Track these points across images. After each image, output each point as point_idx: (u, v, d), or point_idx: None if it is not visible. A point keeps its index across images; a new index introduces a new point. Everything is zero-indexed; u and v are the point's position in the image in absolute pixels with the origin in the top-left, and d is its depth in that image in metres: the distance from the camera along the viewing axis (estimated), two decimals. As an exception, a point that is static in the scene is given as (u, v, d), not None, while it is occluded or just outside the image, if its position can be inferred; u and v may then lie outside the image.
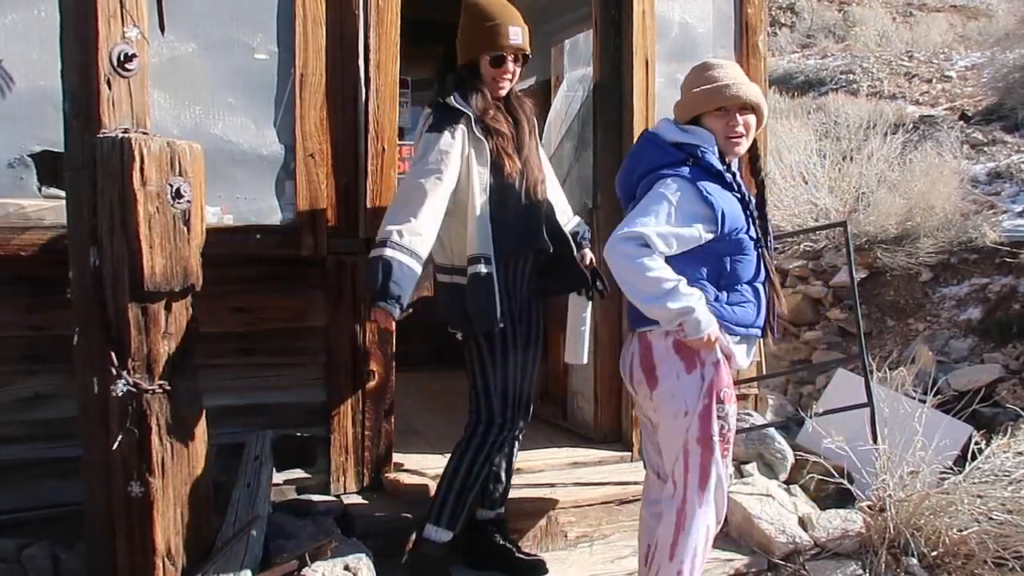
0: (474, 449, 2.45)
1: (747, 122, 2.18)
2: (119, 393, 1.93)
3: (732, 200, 2.12)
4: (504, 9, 2.40)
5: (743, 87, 2.16)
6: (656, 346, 2.13)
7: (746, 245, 2.15)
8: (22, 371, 2.50)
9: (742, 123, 2.17)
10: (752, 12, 3.47)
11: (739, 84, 2.16)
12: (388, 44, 2.81)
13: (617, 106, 3.35)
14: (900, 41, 10.80)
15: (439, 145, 2.29)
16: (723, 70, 2.20)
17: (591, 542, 2.86)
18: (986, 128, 7.17)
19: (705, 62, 2.28)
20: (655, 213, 2.03)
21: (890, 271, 5.28)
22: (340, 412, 2.80)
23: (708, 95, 2.16)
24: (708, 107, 2.17)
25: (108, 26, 2.00)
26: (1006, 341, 4.55)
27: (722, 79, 2.16)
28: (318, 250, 2.74)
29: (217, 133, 2.64)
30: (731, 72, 2.20)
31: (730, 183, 2.14)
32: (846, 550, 2.80)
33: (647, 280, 2.00)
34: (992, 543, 2.63)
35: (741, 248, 2.14)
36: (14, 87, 2.40)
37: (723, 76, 2.17)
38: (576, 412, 3.63)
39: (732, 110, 2.15)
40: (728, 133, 2.16)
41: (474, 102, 2.36)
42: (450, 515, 2.45)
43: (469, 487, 2.45)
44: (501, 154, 2.35)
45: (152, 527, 1.96)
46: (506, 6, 2.42)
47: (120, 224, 1.93)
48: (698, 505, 2.13)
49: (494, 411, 2.45)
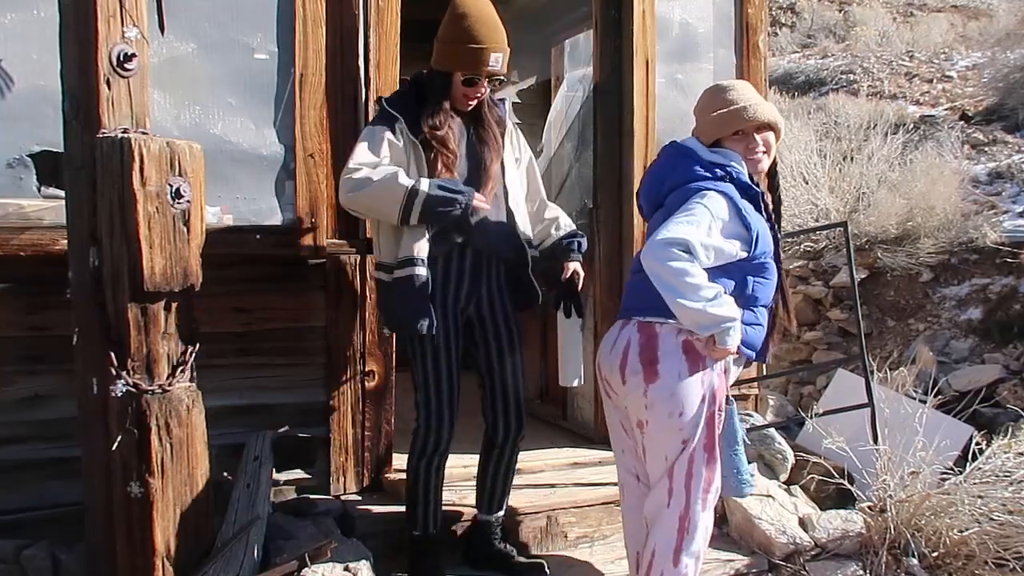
0: (415, 453, 2.47)
1: (767, 140, 2.22)
2: (119, 393, 1.93)
3: (763, 223, 2.15)
4: (491, 32, 2.34)
5: (759, 108, 2.19)
6: (664, 340, 2.10)
7: (769, 268, 2.17)
8: (22, 371, 2.50)
9: (762, 142, 2.20)
10: (752, 12, 3.47)
11: (755, 105, 2.18)
12: (388, 44, 2.81)
13: (617, 106, 3.35)
14: (901, 41, 10.79)
15: (373, 138, 2.34)
16: (736, 92, 2.22)
17: (591, 542, 2.85)
18: (987, 128, 7.16)
19: (716, 85, 2.31)
20: (697, 224, 2.02)
21: (890, 271, 5.28)
22: (340, 412, 2.80)
23: (726, 119, 2.18)
24: (727, 131, 2.19)
25: (108, 26, 2.00)
26: (1007, 341, 4.55)
27: (737, 102, 2.18)
28: (318, 250, 2.73)
29: (217, 133, 2.64)
30: (745, 93, 2.22)
31: (760, 205, 2.17)
32: (847, 551, 2.80)
33: (689, 284, 1.98)
34: (993, 544, 2.63)
35: (765, 270, 2.16)
36: (14, 87, 2.39)
37: (738, 99, 2.19)
38: (576, 412, 3.63)
39: (750, 131, 2.18)
40: (749, 155, 2.19)
41: (429, 119, 2.34)
42: (412, 517, 2.49)
43: (417, 490, 2.47)
44: (437, 167, 2.33)
45: (152, 527, 1.96)
46: (494, 27, 2.35)
47: (120, 224, 1.93)
48: (701, 509, 2.12)
49: (419, 416, 2.44)
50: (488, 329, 2.48)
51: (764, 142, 2.21)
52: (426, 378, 2.41)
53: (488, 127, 2.45)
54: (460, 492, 2.88)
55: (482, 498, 2.61)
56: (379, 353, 2.84)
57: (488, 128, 2.45)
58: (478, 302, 2.47)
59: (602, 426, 3.40)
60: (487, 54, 2.32)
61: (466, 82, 2.36)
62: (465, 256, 2.42)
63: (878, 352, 4.71)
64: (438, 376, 2.40)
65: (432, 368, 2.40)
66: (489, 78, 2.38)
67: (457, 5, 2.36)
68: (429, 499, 2.48)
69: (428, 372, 2.40)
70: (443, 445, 2.44)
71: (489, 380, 2.51)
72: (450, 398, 2.42)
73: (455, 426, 2.46)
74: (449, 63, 2.37)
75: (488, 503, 2.61)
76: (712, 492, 2.14)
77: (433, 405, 2.41)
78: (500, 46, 2.35)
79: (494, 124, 2.47)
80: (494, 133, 2.46)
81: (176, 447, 1.99)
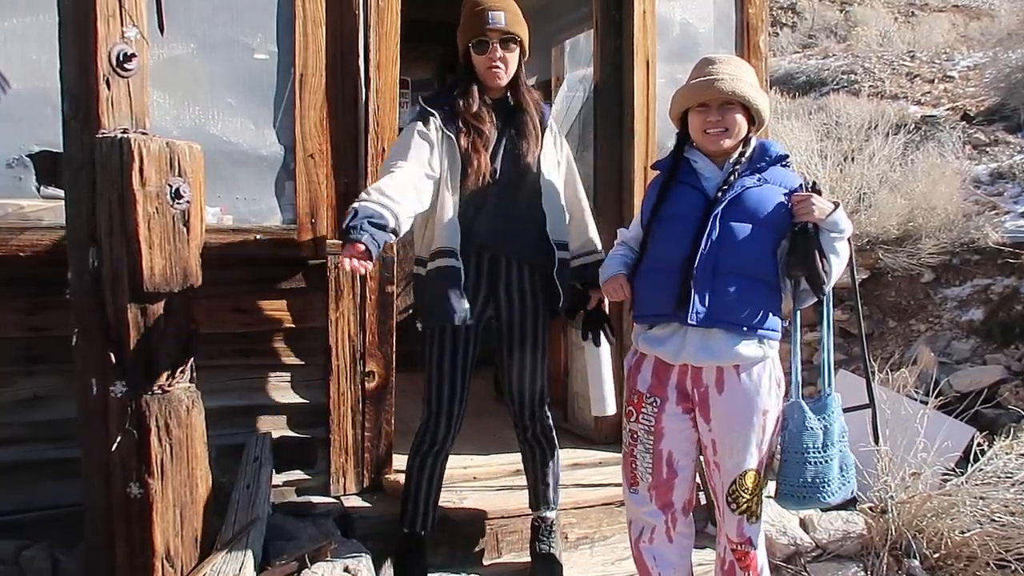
0: (412, 448, 2.49)
1: (730, 119, 2.07)
2: (118, 394, 1.93)
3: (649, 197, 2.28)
4: None
5: (724, 81, 2.04)
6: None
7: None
8: (21, 372, 2.50)
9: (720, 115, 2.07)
10: (753, 12, 3.46)
11: (721, 79, 2.05)
12: (388, 44, 2.80)
13: (618, 107, 3.34)
14: (902, 41, 10.79)
15: (404, 137, 2.34)
16: (715, 66, 2.10)
17: (592, 543, 2.85)
18: (988, 128, 7.16)
19: (704, 57, 2.19)
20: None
21: (892, 272, 5.27)
22: (340, 413, 2.80)
23: (688, 91, 2.12)
24: (689, 103, 2.12)
25: (107, 26, 1.99)
26: (1008, 342, 4.55)
27: (708, 75, 2.08)
28: (318, 251, 2.73)
29: (217, 133, 2.63)
30: (723, 68, 2.09)
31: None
32: (847, 552, 2.79)
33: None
34: (994, 545, 2.62)
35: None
36: (12, 88, 2.39)
37: (711, 72, 2.09)
38: (577, 413, 3.63)
39: (713, 105, 2.08)
40: (705, 127, 2.09)
41: (459, 100, 2.33)
42: (402, 513, 2.50)
43: (409, 486, 2.49)
44: (470, 153, 2.32)
45: (151, 529, 1.95)
46: None
47: (119, 225, 1.92)
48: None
49: (424, 412, 2.46)
50: (504, 332, 2.47)
51: (725, 119, 2.07)
52: (430, 377, 2.42)
53: (528, 118, 2.41)
54: (461, 492, 2.88)
55: (529, 494, 2.64)
56: (379, 354, 2.83)
57: (528, 119, 2.41)
58: (496, 306, 2.44)
59: (602, 427, 3.41)
60: (485, 13, 2.30)
61: (477, 49, 2.34)
62: (483, 258, 2.40)
63: (879, 353, 4.70)
64: (441, 377, 2.40)
65: (436, 368, 2.40)
66: (501, 43, 2.33)
67: None
68: (420, 497, 2.48)
69: (433, 371, 2.41)
70: (438, 446, 2.45)
71: (506, 380, 2.53)
72: (451, 400, 2.41)
73: (456, 429, 2.46)
74: (460, 38, 2.38)
75: (532, 500, 2.64)
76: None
77: (433, 405, 2.42)
78: (499, 4, 2.33)
79: (535, 116, 2.42)
80: (534, 125, 2.41)
81: (176, 448, 1.99)
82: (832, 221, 2.03)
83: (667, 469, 2.12)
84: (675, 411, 2.10)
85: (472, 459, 3.11)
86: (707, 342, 2.03)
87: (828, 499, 2.04)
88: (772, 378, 2.08)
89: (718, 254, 2.02)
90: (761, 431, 2.06)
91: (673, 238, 2.07)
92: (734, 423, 2.05)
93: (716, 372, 2.05)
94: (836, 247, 2.06)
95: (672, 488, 2.13)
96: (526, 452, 2.61)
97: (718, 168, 2.11)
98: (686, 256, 2.02)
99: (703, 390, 2.06)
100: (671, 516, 2.14)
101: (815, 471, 2.01)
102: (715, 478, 2.13)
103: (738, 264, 2.03)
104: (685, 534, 2.18)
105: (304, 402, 2.80)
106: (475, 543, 2.73)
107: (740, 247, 2.03)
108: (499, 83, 2.38)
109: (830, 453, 2.02)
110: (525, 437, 2.58)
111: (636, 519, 2.19)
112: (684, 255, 2.03)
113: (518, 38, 2.36)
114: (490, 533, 2.74)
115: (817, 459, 2.02)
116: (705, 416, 2.08)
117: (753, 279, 2.04)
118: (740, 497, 2.08)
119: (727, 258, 2.02)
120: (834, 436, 2.04)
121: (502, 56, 2.34)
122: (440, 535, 2.63)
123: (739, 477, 2.07)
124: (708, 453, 2.12)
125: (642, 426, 2.13)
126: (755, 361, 2.05)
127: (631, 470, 2.17)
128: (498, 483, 2.99)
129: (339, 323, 2.78)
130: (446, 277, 2.30)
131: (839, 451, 2.05)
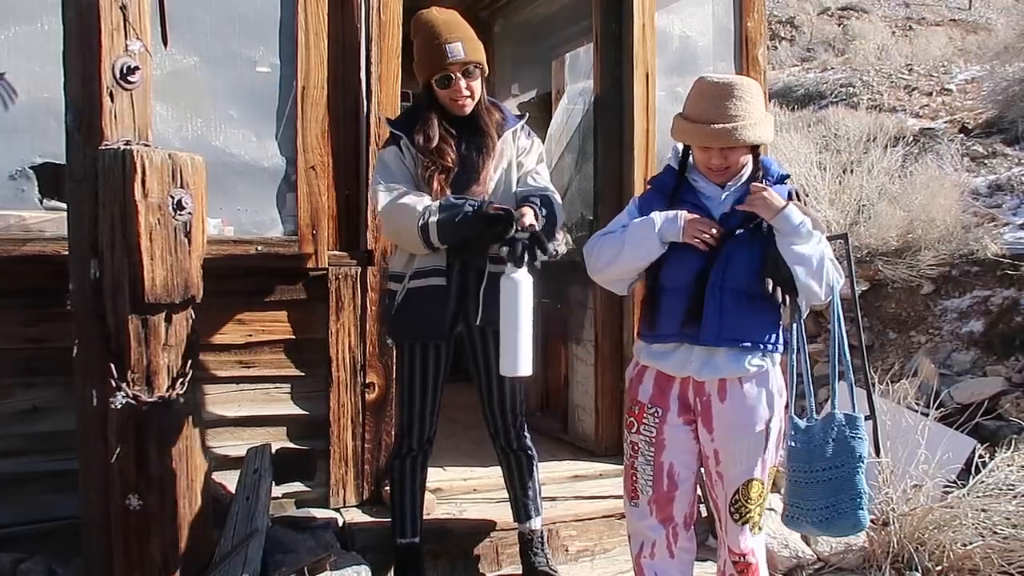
0: (392, 455, 2.52)
1: (729, 158, 2.04)
2: (118, 405, 1.92)
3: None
4: (445, 25, 2.29)
5: (728, 133, 1.96)
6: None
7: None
8: (21, 383, 2.49)
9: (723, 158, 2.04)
10: (752, 25, 3.48)
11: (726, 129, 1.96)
12: (390, 57, 2.82)
13: (618, 119, 3.36)
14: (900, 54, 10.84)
15: (386, 162, 2.36)
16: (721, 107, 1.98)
17: (592, 556, 2.84)
18: (986, 141, 7.18)
19: (709, 81, 2.07)
20: None
21: (891, 283, 5.27)
22: (340, 425, 2.79)
23: (692, 131, 2.05)
24: (692, 143, 2.10)
25: (111, 39, 2.01)
26: (1008, 354, 4.54)
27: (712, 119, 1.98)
28: (319, 262, 2.74)
29: (219, 145, 2.64)
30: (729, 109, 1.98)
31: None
32: (849, 565, 2.78)
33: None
34: (997, 557, 2.61)
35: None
36: (17, 100, 2.41)
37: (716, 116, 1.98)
38: (577, 425, 3.62)
39: (715, 148, 2.04)
40: (708, 165, 2.09)
41: (418, 136, 2.31)
42: (392, 523, 2.51)
43: (397, 495, 2.49)
44: (427, 179, 2.31)
45: (150, 541, 1.95)
46: (445, 22, 2.30)
47: (121, 236, 1.93)
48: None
49: (396, 427, 2.49)
50: (476, 344, 2.46)
51: (726, 158, 2.04)
52: (402, 391, 2.45)
53: (485, 134, 2.39)
54: (461, 504, 2.87)
55: (512, 508, 2.63)
56: (379, 365, 2.83)
57: (488, 140, 2.40)
58: (466, 319, 2.42)
59: (603, 439, 3.40)
60: (443, 48, 2.27)
61: (440, 84, 2.32)
62: (452, 273, 2.37)
63: (879, 365, 4.70)
64: (412, 392, 2.42)
65: (408, 382, 2.42)
66: (464, 73, 2.30)
67: (415, 26, 2.36)
68: (405, 503, 2.48)
69: (405, 386, 2.43)
70: (415, 451, 2.46)
71: (480, 394, 2.52)
72: (422, 412, 2.43)
73: (428, 438, 2.47)
74: (419, 72, 2.36)
75: (515, 512, 2.62)
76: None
77: (405, 416, 2.46)
78: (455, 35, 2.28)
79: (495, 136, 2.40)
80: (494, 143, 2.40)
81: (175, 459, 1.98)
82: (783, 218, 1.99)
83: (668, 481, 2.11)
84: (677, 422, 2.09)
85: (472, 471, 3.10)
86: (712, 358, 2.04)
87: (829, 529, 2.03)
88: (774, 387, 2.09)
89: (724, 273, 2.04)
90: (764, 440, 2.06)
91: (682, 260, 2.08)
92: (737, 432, 2.05)
93: (719, 382, 2.06)
94: (796, 252, 1.98)
95: (672, 501, 2.12)
96: (504, 465, 2.59)
97: (719, 187, 2.12)
98: (694, 277, 2.04)
99: (706, 399, 2.07)
100: (672, 530, 2.13)
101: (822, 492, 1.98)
102: (717, 489, 2.13)
103: (742, 283, 2.04)
104: (687, 548, 2.17)
105: (304, 413, 2.79)
106: (475, 555, 2.72)
107: (743, 266, 2.04)
108: (466, 112, 2.37)
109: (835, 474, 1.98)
110: (503, 449, 2.56)
111: (637, 533, 2.18)
112: (692, 276, 2.05)
113: (479, 64, 2.33)
114: (490, 546, 2.73)
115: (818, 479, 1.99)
116: (708, 425, 2.08)
117: (756, 296, 2.05)
118: (743, 507, 2.08)
119: (732, 277, 2.04)
120: (842, 458, 1.98)
121: (467, 85, 2.32)
122: (440, 547, 2.62)
123: (742, 487, 2.07)
124: (710, 464, 2.11)
125: (643, 437, 2.12)
126: (758, 372, 2.05)
127: (632, 483, 2.17)
128: (498, 495, 2.97)
129: (340, 334, 2.78)
130: (433, 294, 2.31)
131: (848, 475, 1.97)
